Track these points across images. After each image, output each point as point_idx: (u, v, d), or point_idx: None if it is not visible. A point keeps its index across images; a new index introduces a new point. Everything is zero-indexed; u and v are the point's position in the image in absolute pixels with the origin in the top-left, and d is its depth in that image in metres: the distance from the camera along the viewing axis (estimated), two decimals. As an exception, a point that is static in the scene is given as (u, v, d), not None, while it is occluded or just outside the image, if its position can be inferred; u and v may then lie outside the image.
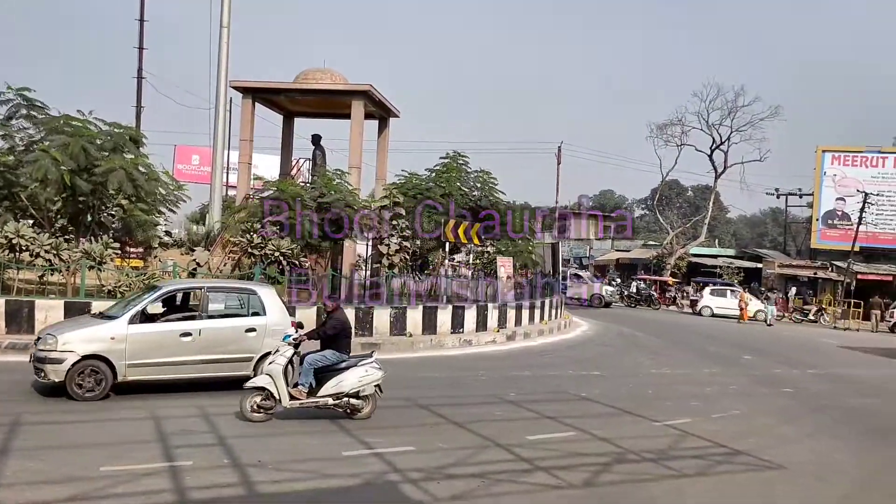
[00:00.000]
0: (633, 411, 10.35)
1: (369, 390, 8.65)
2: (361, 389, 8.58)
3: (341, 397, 8.50)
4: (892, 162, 43.06)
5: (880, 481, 7.81)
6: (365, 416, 8.63)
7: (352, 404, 8.56)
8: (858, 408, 12.38)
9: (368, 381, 8.61)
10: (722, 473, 7.61)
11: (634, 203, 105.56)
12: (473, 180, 24.46)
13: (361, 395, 8.61)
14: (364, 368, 8.65)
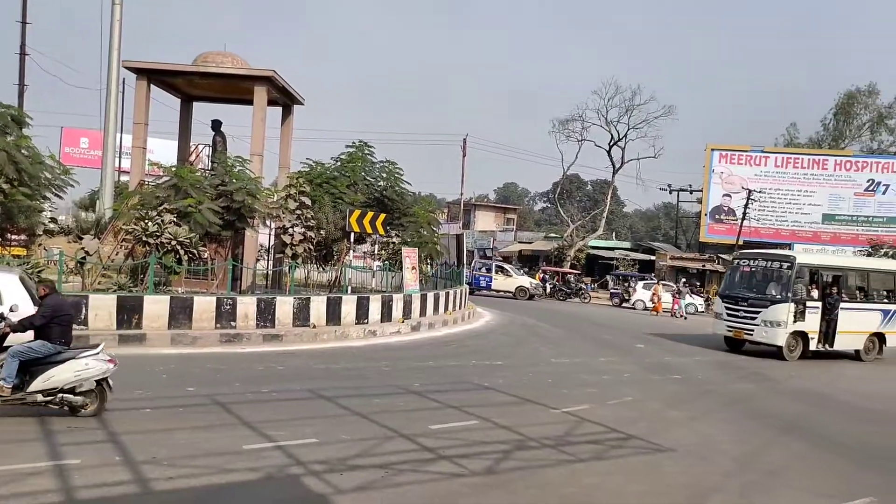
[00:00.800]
0: (533, 400, 10.63)
1: (89, 385, 7.81)
2: (78, 385, 7.74)
3: (54, 393, 7.65)
4: (774, 161, 46.02)
5: (758, 459, 8.36)
6: (91, 414, 7.83)
7: (68, 401, 7.70)
8: (740, 392, 13.21)
9: (88, 376, 7.76)
10: (616, 457, 7.94)
11: (537, 196, 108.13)
12: (379, 170, 24.44)
13: (80, 391, 7.77)
14: (84, 361, 7.76)
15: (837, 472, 8.22)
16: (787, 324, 17.42)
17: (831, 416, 11.67)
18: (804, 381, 15.33)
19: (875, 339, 19.34)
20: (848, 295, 18.79)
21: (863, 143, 53.31)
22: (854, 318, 18.59)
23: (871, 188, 44.49)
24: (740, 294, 18.75)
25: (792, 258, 18.17)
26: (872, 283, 19.75)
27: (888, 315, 19.43)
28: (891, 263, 23.38)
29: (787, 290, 17.54)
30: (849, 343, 18.92)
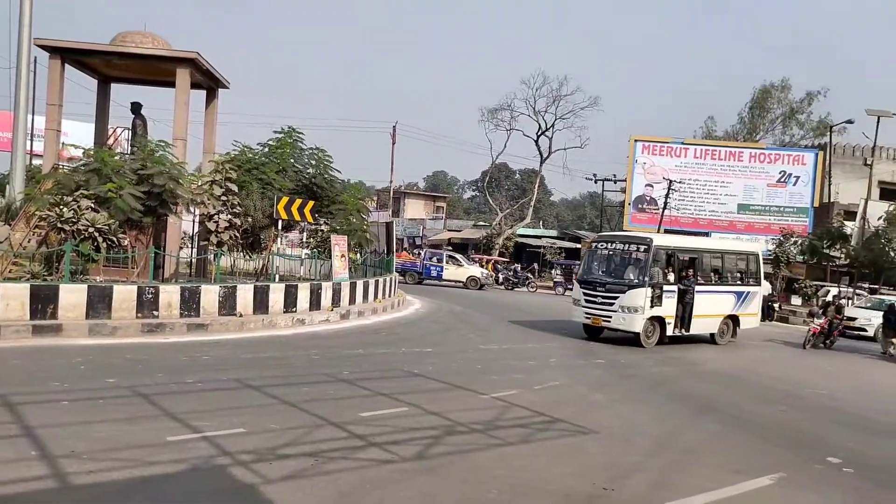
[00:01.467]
0: (462, 386, 10.77)
1: None
2: None
3: None
4: (693, 153, 47.60)
5: (676, 439, 8.73)
6: None
7: None
8: (661, 375, 13.72)
9: None
10: (542, 440, 8.15)
11: (466, 184, 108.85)
12: (308, 157, 24.12)
13: None
14: None
15: (749, 449, 8.66)
16: (644, 309, 16.60)
17: (743, 396, 12.26)
18: (718, 363, 16.04)
19: (729, 322, 19.17)
20: (704, 278, 18.33)
21: (776, 136, 55.86)
22: (710, 302, 18.23)
23: (783, 179, 46.60)
24: (598, 279, 17.73)
25: (648, 240, 17.21)
26: (727, 265, 19.34)
27: (742, 297, 19.29)
28: (745, 245, 23.28)
29: (644, 275, 16.67)
30: (705, 327, 18.50)
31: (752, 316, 19.92)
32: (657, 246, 17.06)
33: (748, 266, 19.85)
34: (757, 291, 19.99)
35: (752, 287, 19.73)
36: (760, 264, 20.34)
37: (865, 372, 17.26)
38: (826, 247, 37.88)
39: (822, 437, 9.64)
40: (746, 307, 19.49)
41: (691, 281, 17.72)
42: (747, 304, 19.49)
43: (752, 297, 19.65)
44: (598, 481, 6.73)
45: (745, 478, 7.26)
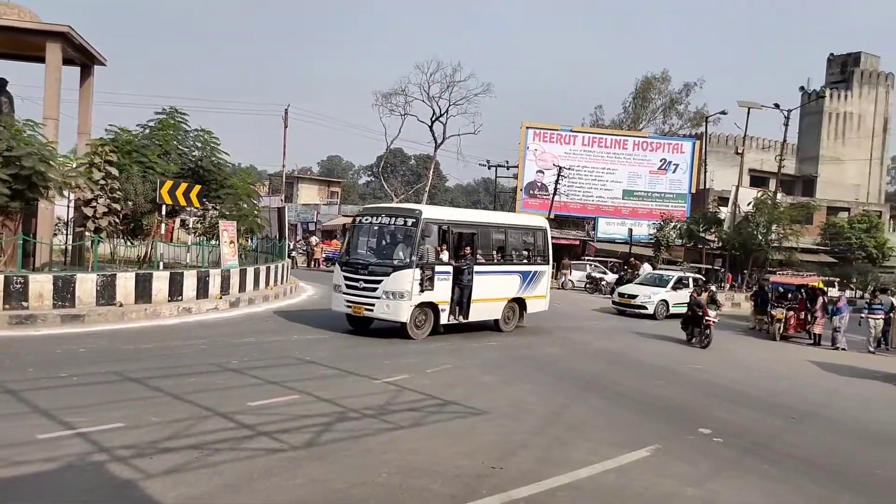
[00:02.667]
0: (355, 371, 10.73)
1: None
2: None
3: None
4: (582, 140, 49.18)
5: (562, 416, 9.07)
6: None
7: None
8: (549, 356, 14.16)
9: None
10: (434, 423, 8.25)
11: (361, 169, 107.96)
12: (193, 139, 23.20)
13: None
14: None
15: (629, 423, 9.11)
16: (412, 294, 14.07)
17: (626, 373, 12.87)
18: (604, 343, 16.75)
19: (515, 306, 17.06)
20: (485, 256, 16.07)
21: (657, 125, 58.54)
22: (492, 284, 16.03)
23: (664, 167, 48.97)
24: (360, 260, 15.01)
25: (417, 213, 14.57)
26: (512, 241, 17.06)
27: (528, 278, 17.18)
28: (531, 219, 21.26)
29: (411, 253, 14.11)
30: (487, 312, 16.17)
31: (539, 298, 17.77)
32: (427, 219, 14.52)
33: (535, 243, 17.76)
34: (545, 271, 17.83)
35: (539, 266, 17.64)
36: (549, 241, 18.18)
37: (736, 347, 18.47)
38: (702, 231, 40.30)
39: (696, 409, 10.28)
40: (533, 289, 17.37)
41: (470, 260, 15.20)
42: (534, 286, 17.39)
43: (539, 277, 17.56)
44: (487, 460, 6.89)
45: (625, 451, 7.64)
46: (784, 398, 11.73)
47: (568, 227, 49.07)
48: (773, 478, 7.26)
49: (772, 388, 12.61)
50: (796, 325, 20.51)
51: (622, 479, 6.76)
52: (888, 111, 57.03)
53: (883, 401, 12.47)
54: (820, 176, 54.91)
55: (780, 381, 13.45)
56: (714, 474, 7.19)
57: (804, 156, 57.02)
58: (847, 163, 55.65)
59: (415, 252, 14.16)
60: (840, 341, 19.27)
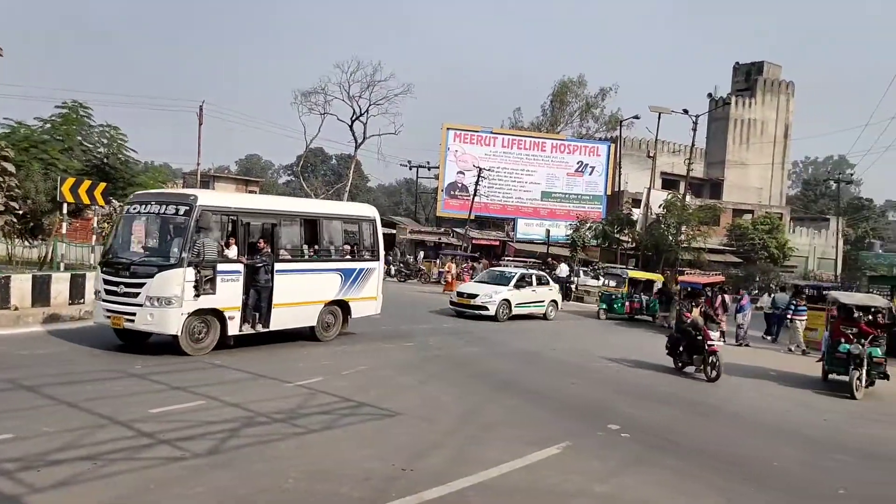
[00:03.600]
0: (267, 374, 10.45)
1: None
2: None
3: None
4: (502, 142, 49.84)
5: (476, 416, 9.10)
6: None
7: None
8: (465, 356, 14.22)
9: None
10: (346, 425, 8.12)
11: (281, 169, 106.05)
12: (99, 135, 22.21)
13: None
14: None
15: (542, 421, 9.22)
16: (183, 300, 11.25)
17: (540, 372, 13.05)
18: (519, 344, 16.95)
19: (337, 310, 14.43)
20: (293, 252, 13.50)
21: (574, 128, 59.89)
22: (301, 285, 13.44)
23: (580, 169, 50.17)
24: (123, 259, 12.07)
25: (191, 199, 11.85)
26: (328, 234, 14.45)
27: (352, 276, 14.61)
28: (355, 207, 18.14)
29: (182, 249, 11.35)
30: (295, 319, 13.49)
31: (368, 300, 15.13)
32: (205, 206, 11.74)
33: (361, 235, 15.14)
34: (374, 268, 15.13)
35: (366, 262, 15.01)
36: (378, 233, 15.46)
37: (647, 344, 19.02)
38: (616, 232, 41.48)
39: (606, 405, 10.50)
40: (359, 289, 14.81)
41: (267, 256, 12.45)
42: (360, 286, 14.84)
43: (366, 275, 14.93)
44: (398, 462, 6.82)
45: (536, 448, 7.71)
46: (691, 394, 12.14)
47: (488, 228, 49.59)
48: (677, 471, 7.48)
49: (679, 384, 13.03)
50: (703, 323, 21.26)
51: (532, 477, 6.82)
52: (789, 118, 60.21)
53: (777, 395, 13.08)
54: (726, 179, 57.40)
55: (686, 377, 13.90)
56: (621, 469, 7.35)
57: (712, 160, 59.53)
58: (751, 167, 58.42)
59: (187, 247, 11.34)
60: (743, 337, 20.15)
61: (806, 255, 51.63)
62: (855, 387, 12.80)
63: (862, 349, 13.00)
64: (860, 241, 64.66)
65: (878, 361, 13.16)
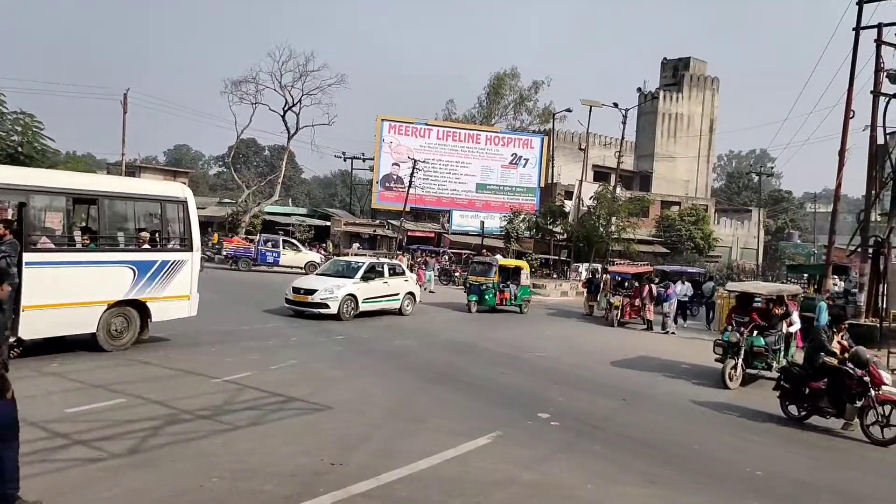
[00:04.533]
0: (192, 371, 10.19)
1: None
2: None
3: None
4: (436, 134, 49.86)
5: (406, 408, 9.07)
6: None
7: None
8: (398, 348, 14.17)
9: None
10: (274, 421, 7.97)
11: (212, 160, 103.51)
12: (13, 123, 21.12)
13: None
14: None
15: (473, 411, 9.26)
16: None
17: (472, 363, 13.11)
18: (453, 334, 17.01)
19: (131, 312, 11.64)
20: (57, 240, 11.17)
21: (508, 121, 60.39)
22: (69, 281, 10.69)
23: (514, 161, 50.68)
24: None
25: None
26: (116, 217, 12.03)
27: (151, 270, 11.84)
28: (156, 186, 15.38)
29: None
30: (61, 323, 10.67)
31: (178, 299, 12.32)
32: None
33: (166, 220, 12.40)
34: (184, 260, 12.38)
35: (174, 253, 12.31)
36: (191, 217, 12.62)
37: (577, 333, 19.40)
38: (549, 223, 42.10)
39: (537, 394, 10.63)
40: (163, 286, 12.01)
41: (10, 245, 9.23)
42: (165, 282, 12.06)
43: (174, 269, 12.20)
44: (327, 457, 6.73)
45: (466, 439, 7.74)
46: (617, 381, 12.42)
47: (424, 220, 49.60)
48: (603, 457, 7.63)
49: (607, 372, 13.32)
50: (631, 312, 21.82)
51: (462, 468, 6.84)
52: (714, 113, 62.21)
53: (703, 379, 13.50)
54: (655, 172, 58.96)
55: (615, 365, 14.21)
56: (550, 457, 7.45)
57: (641, 153, 61.02)
58: (678, 160, 60.15)
59: None
60: (670, 326, 20.76)
61: (729, 246, 53.57)
62: (728, 376, 12.42)
63: (740, 338, 12.69)
64: (780, 231, 67.53)
65: (757, 351, 12.76)
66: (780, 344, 13.15)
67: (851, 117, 21.73)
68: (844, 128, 21.82)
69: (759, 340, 12.70)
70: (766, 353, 12.74)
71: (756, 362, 12.94)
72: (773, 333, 13.00)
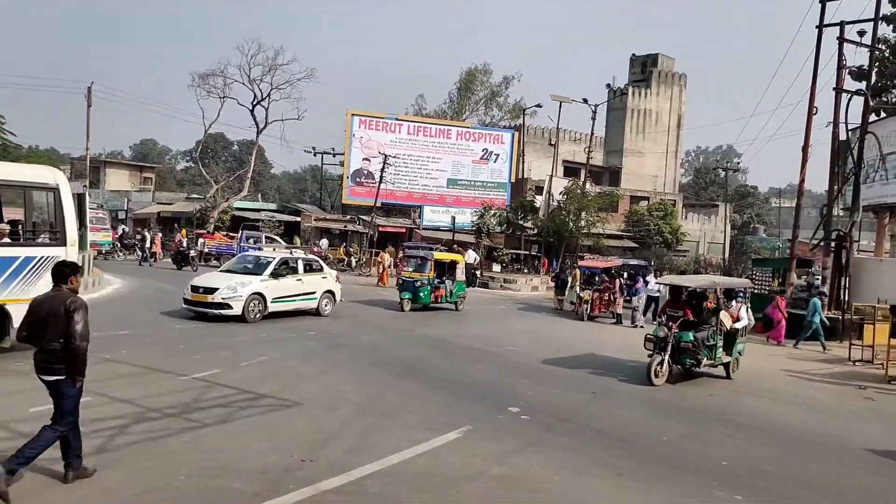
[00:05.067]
0: (161, 368, 10.08)
1: None
2: None
3: None
4: (407, 129, 49.69)
5: (375, 404, 9.07)
6: None
7: None
8: (368, 344, 14.15)
9: None
10: (243, 418, 7.93)
11: (179, 155, 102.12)
12: (-28, 116, 20.60)
13: None
14: None
15: (444, 406, 9.30)
16: None
17: (444, 358, 13.15)
18: (426, 329, 17.03)
19: None
20: None
21: (479, 116, 60.47)
22: None
23: (485, 157, 50.73)
24: None
25: None
26: None
27: (10, 268, 10.35)
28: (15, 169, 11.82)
29: None
30: None
31: None
32: None
33: (31, 210, 11.11)
34: (58, 256, 10.23)
35: (41, 249, 10.86)
36: (67, 208, 11.12)
37: (547, 328, 19.52)
38: (519, 218, 42.27)
39: (507, 389, 10.70)
40: (28, 286, 10.36)
41: None
42: (29, 281, 10.47)
43: (45, 267, 10.29)
44: (297, 454, 6.72)
45: (437, 434, 7.77)
46: (587, 375, 12.53)
47: (395, 216, 49.48)
48: (572, 450, 7.72)
49: (577, 365, 13.43)
50: (601, 306, 22.02)
51: (433, 462, 6.87)
52: (682, 109, 62.92)
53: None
54: (624, 167, 59.47)
55: (586, 359, 14.35)
56: (519, 451, 7.51)
57: (610, 148, 61.49)
58: (647, 155, 60.74)
59: None
60: (638, 320, 20.99)
61: (697, 240, 54.29)
62: (654, 372, 11.67)
63: (668, 332, 11.96)
64: (746, 226, 68.65)
65: (684, 347, 11.99)
66: (714, 340, 12.35)
67: (815, 114, 22.18)
68: (808, 124, 22.25)
69: (686, 336, 11.98)
70: (693, 349, 11.96)
71: (683, 358, 12.17)
72: (705, 329, 12.32)
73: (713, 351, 12.37)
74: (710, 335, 12.27)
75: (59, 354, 5.56)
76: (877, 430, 9.87)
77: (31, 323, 5.76)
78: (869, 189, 23.91)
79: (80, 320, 5.58)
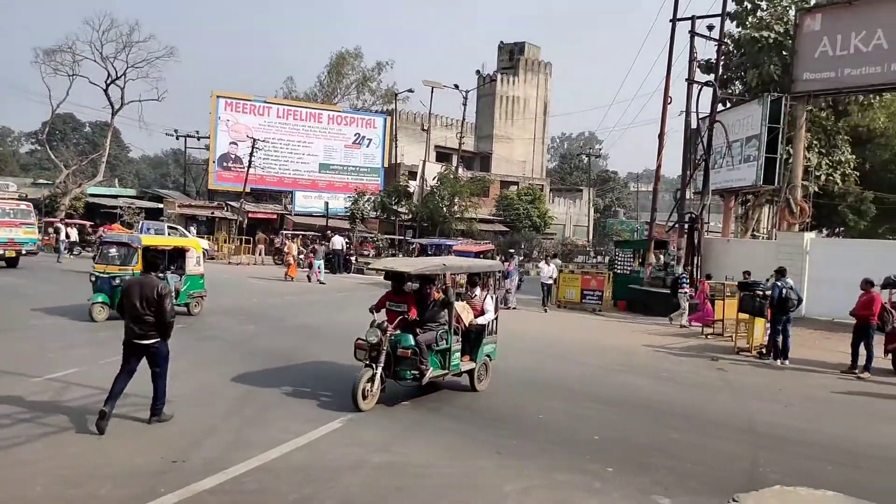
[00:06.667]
0: (9, 370, 9.25)
1: None
2: None
3: None
4: (276, 112, 48.34)
5: (253, 397, 8.78)
6: None
7: None
8: (243, 334, 13.67)
9: None
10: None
11: (23, 136, 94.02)
12: None
13: None
14: None
15: (323, 397, 9.12)
16: None
17: (322, 348, 12.91)
18: (299, 319, 16.70)
19: None
20: None
21: (351, 100, 59.77)
22: None
23: (358, 141, 50.28)
24: None
25: None
26: None
27: None
28: None
29: None
30: None
31: None
32: None
33: None
34: None
35: None
36: None
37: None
38: (394, 203, 42.30)
39: (386, 375, 10.64)
40: None
41: None
42: None
43: None
44: (168, 454, 6.38)
45: (317, 425, 7.62)
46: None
47: (265, 201, 48.08)
48: (454, 432, 7.81)
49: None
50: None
51: (313, 454, 6.73)
52: (547, 96, 65.13)
53: (549, 353, 14.19)
54: (494, 153, 60.89)
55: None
56: (401, 437, 7.51)
57: (481, 134, 62.76)
58: (516, 141, 62.51)
59: None
60: (511, 301, 21.59)
61: (563, 223, 56.58)
62: (362, 393, 8.31)
63: (381, 336, 8.50)
64: (608, 209, 72.31)
65: (402, 355, 8.64)
66: (444, 342, 9.13)
67: (669, 103, 23.62)
68: (663, 113, 23.66)
69: (406, 339, 8.69)
70: (413, 356, 8.62)
71: (401, 370, 8.74)
72: (433, 328, 9.19)
73: (446, 357, 9.20)
74: (439, 336, 9.09)
75: (153, 325, 7.32)
76: (728, 400, 10.68)
77: (128, 301, 7.34)
78: (717, 174, 25.79)
79: (170, 302, 7.38)
